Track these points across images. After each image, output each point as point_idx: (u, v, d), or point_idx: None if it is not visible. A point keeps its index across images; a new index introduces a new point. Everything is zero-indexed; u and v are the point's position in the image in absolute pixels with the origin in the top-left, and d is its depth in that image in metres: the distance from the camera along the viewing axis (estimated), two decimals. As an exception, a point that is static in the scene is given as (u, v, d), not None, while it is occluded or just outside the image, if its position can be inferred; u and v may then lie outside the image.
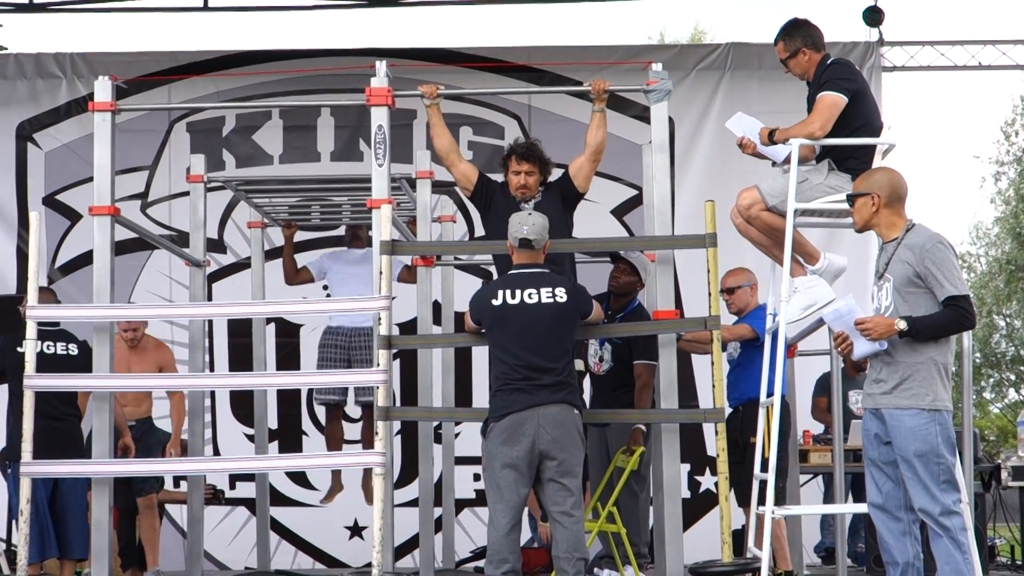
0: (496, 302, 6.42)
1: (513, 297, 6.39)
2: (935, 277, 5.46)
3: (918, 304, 5.51)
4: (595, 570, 7.72)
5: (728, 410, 7.75)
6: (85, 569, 8.14)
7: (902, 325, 5.44)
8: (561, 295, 6.40)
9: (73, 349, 7.67)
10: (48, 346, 7.57)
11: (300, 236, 11.20)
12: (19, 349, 7.46)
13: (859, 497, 9.32)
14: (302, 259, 10.93)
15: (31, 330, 7.01)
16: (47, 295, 7.77)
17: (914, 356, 5.50)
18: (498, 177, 7.24)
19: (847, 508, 7.37)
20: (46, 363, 7.35)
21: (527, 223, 6.47)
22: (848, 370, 10.15)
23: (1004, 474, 10.32)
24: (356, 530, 10.92)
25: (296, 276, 9.56)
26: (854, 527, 10.34)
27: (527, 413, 6.24)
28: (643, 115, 10.45)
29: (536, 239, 6.46)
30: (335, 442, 9.48)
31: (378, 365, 6.78)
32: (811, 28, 6.76)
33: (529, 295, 6.38)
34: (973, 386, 8.19)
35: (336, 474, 9.62)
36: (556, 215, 6.86)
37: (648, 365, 7.74)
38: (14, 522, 7.40)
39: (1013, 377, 30.49)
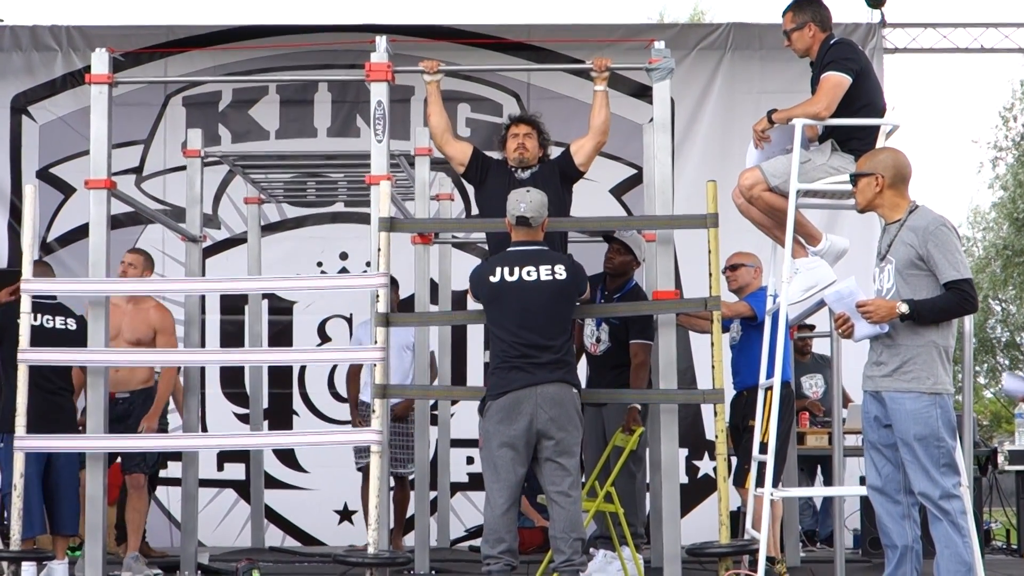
0: (494, 279, 6.37)
1: (511, 274, 6.34)
2: (937, 260, 5.41)
3: (920, 287, 5.47)
4: (591, 550, 7.68)
5: (732, 393, 7.72)
6: (78, 542, 8.11)
7: (904, 308, 5.40)
8: (561, 272, 6.35)
9: (71, 324, 7.60)
10: (47, 320, 7.49)
11: (295, 212, 11.20)
12: (19, 320, 7.43)
13: (829, 481, 9.36)
14: (302, 238, 10.92)
15: (25, 303, 6.98)
16: (43, 268, 7.69)
17: (915, 339, 5.46)
18: (494, 155, 7.20)
19: (845, 491, 7.34)
20: (45, 337, 7.29)
21: (524, 200, 6.42)
22: (795, 355, 10.16)
23: (1001, 458, 10.32)
24: (346, 514, 10.88)
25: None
26: (825, 510, 10.37)
27: (525, 392, 6.19)
28: (642, 94, 10.47)
29: (533, 216, 6.41)
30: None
31: (375, 342, 6.74)
32: (821, 6, 6.73)
33: (528, 272, 6.33)
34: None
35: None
36: (553, 190, 6.80)
37: (644, 344, 7.71)
38: (5, 498, 7.33)
39: (1007, 362, 30.50)
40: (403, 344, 8.70)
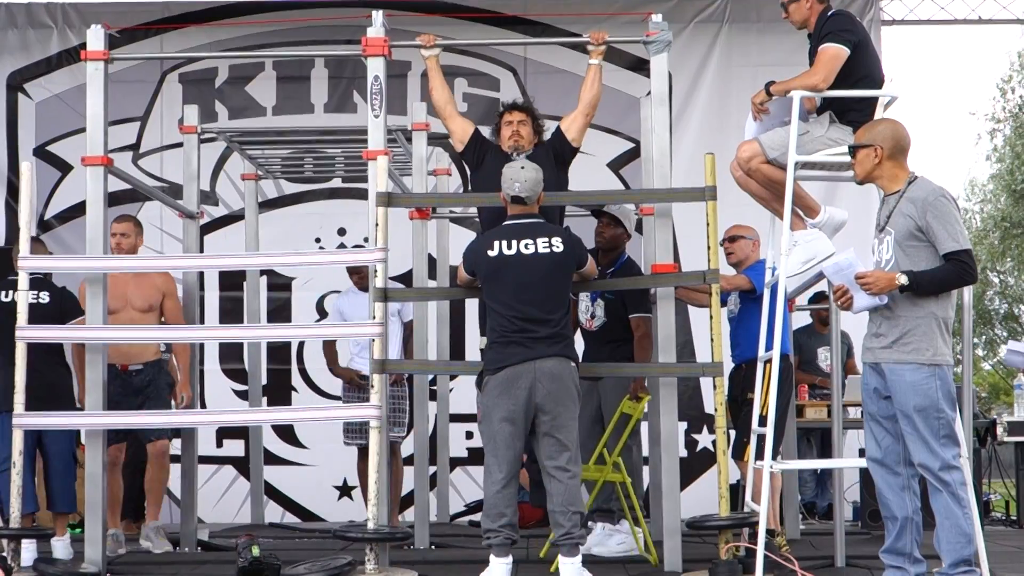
0: (492, 253, 6.35)
1: (509, 248, 6.32)
2: (936, 231, 5.41)
3: (919, 258, 5.46)
4: (589, 524, 7.68)
5: (731, 366, 7.71)
6: (79, 519, 8.10)
7: (903, 280, 5.39)
8: (558, 245, 6.33)
9: (44, 297, 7.47)
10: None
11: (292, 188, 11.18)
12: None
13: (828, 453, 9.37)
14: (300, 214, 10.86)
15: (23, 281, 6.95)
16: (36, 245, 7.65)
17: (915, 311, 5.45)
18: (493, 137, 7.18)
19: (845, 463, 7.34)
20: (15, 312, 7.13)
21: (519, 179, 6.39)
22: (816, 326, 10.16)
23: (1000, 430, 10.34)
24: (345, 490, 10.89)
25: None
26: (823, 482, 10.39)
27: (523, 367, 6.18)
28: (639, 67, 10.43)
29: (528, 196, 6.39)
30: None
31: (374, 318, 6.73)
32: None
33: (525, 245, 6.31)
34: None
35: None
36: (549, 173, 6.75)
37: (644, 317, 7.70)
38: (1, 475, 7.30)
39: (1005, 334, 30.51)
40: (388, 311, 8.69)
